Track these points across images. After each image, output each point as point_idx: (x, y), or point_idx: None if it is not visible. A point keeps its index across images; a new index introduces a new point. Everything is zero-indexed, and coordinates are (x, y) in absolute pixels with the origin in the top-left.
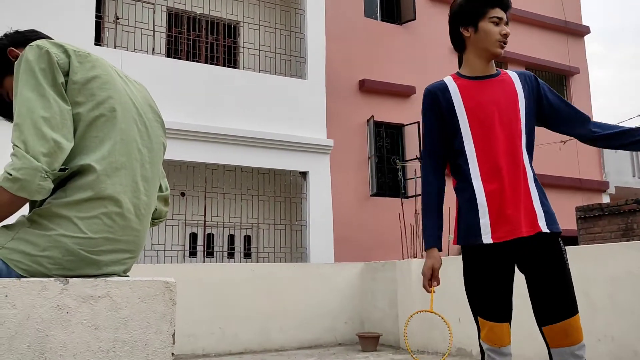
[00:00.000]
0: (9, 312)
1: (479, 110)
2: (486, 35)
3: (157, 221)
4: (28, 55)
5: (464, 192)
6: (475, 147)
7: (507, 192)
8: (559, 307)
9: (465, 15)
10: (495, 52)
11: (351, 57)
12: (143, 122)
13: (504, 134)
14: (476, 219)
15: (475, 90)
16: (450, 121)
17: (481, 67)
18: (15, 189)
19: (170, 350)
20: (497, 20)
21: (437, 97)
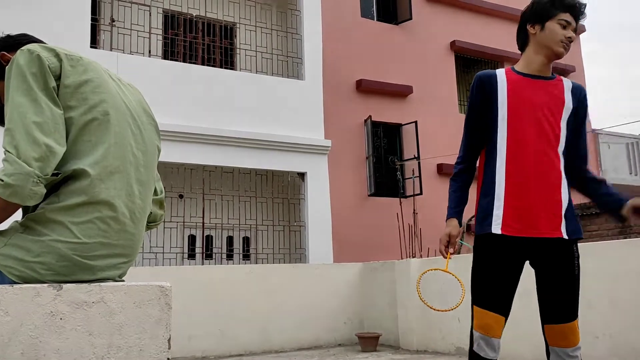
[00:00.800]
0: (2, 320)
1: (520, 106)
2: (551, 33)
3: (153, 225)
4: (19, 59)
5: (487, 182)
6: (507, 141)
7: (531, 190)
8: (562, 311)
9: (536, 13)
10: (556, 50)
11: (348, 57)
12: (137, 125)
13: (540, 136)
14: (490, 209)
15: (522, 87)
16: (489, 110)
17: (537, 65)
18: (7, 195)
19: (166, 356)
20: (564, 23)
21: (484, 86)
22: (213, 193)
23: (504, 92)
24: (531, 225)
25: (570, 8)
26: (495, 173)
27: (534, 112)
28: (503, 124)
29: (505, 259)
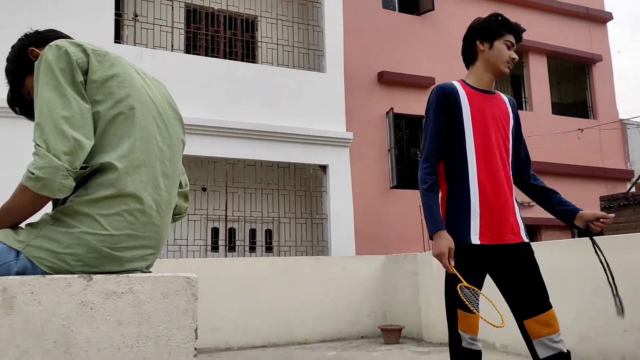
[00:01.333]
0: (35, 309)
1: (482, 119)
2: (499, 53)
3: (178, 217)
4: (47, 55)
5: (459, 193)
6: (476, 154)
7: (499, 201)
8: (541, 301)
9: (486, 31)
10: (502, 70)
11: (370, 49)
12: (162, 119)
13: (499, 147)
14: (467, 221)
15: (479, 100)
16: (455, 123)
17: (487, 81)
18: (38, 188)
19: (193, 345)
20: (509, 44)
21: (449, 98)
22: (236, 186)
23: (466, 104)
24: (500, 234)
25: (515, 31)
26: (469, 184)
27: (493, 125)
28: (470, 136)
29: (484, 265)
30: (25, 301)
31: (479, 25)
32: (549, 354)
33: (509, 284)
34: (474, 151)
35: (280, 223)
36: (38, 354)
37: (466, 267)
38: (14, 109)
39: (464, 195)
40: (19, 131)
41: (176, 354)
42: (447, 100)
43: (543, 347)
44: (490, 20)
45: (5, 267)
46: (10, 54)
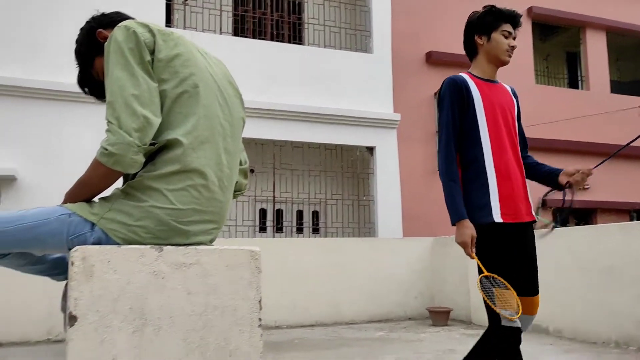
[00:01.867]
0: (112, 277)
1: (492, 108)
2: (497, 44)
3: (238, 194)
4: (117, 35)
5: (476, 178)
6: (489, 137)
7: (513, 182)
8: (535, 284)
9: (482, 25)
10: (503, 59)
11: (417, 29)
12: (224, 97)
13: (507, 133)
14: (488, 201)
15: (488, 90)
16: (469, 113)
17: (490, 72)
18: (111, 163)
19: (258, 316)
20: (507, 33)
21: (462, 89)
22: (283, 168)
23: (477, 94)
24: (517, 213)
25: (510, 18)
26: (486, 167)
27: (502, 113)
28: (483, 124)
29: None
30: (103, 269)
31: (475, 19)
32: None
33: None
34: (488, 138)
35: (327, 205)
36: (116, 318)
37: (492, 245)
38: (83, 89)
39: (482, 179)
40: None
41: (242, 323)
42: (459, 91)
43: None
44: (484, 14)
45: (82, 238)
46: (79, 36)
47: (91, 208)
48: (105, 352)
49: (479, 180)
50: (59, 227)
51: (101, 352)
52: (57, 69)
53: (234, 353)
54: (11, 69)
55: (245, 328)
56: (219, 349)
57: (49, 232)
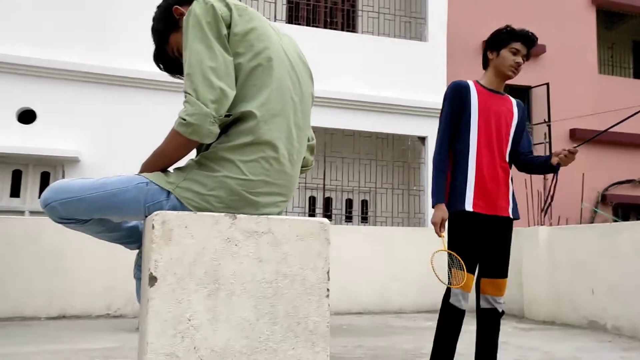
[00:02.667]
0: (189, 242)
1: (486, 114)
2: (503, 60)
3: (305, 169)
4: (196, 9)
5: (460, 170)
6: (478, 139)
7: (492, 179)
8: (501, 269)
9: (493, 42)
10: (507, 74)
11: (475, 17)
12: (294, 72)
13: (497, 139)
14: (464, 192)
15: (487, 98)
16: (465, 114)
17: (496, 83)
18: (189, 133)
19: (326, 286)
20: (515, 50)
21: (461, 92)
22: (334, 155)
23: (475, 100)
24: (491, 206)
25: (522, 37)
26: (468, 164)
27: (496, 120)
28: (475, 126)
29: (476, 229)
30: (181, 234)
31: (490, 37)
32: (487, 307)
33: (485, 247)
34: (477, 139)
35: (376, 194)
36: (192, 282)
37: (461, 229)
38: (158, 65)
39: (464, 172)
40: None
41: (311, 292)
42: (459, 94)
43: (485, 301)
44: (498, 32)
45: (158, 206)
46: (156, 13)
47: (167, 177)
48: (182, 313)
49: (462, 173)
50: (137, 194)
51: (178, 312)
52: (122, 55)
53: (302, 321)
54: (78, 54)
55: (313, 297)
56: (288, 316)
57: (128, 199)
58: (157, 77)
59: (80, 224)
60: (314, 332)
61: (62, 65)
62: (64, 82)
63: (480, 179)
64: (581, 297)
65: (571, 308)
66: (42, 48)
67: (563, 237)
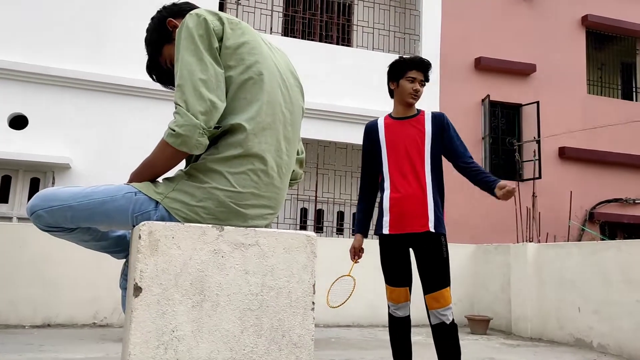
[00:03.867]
0: (175, 252)
1: (394, 142)
2: (402, 89)
3: (294, 182)
4: (189, 22)
5: (382, 198)
6: (389, 168)
7: (406, 200)
8: (435, 282)
9: (392, 73)
10: (408, 101)
11: (467, 34)
12: (285, 86)
13: (410, 160)
14: (382, 217)
15: (394, 128)
16: (376, 149)
17: (402, 110)
18: (178, 144)
19: (312, 300)
20: (411, 79)
21: (371, 131)
22: (326, 168)
23: (382, 134)
24: (407, 225)
25: (416, 65)
26: (384, 191)
27: (406, 145)
28: (385, 157)
29: (395, 249)
30: (168, 244)
31: (388, 69)
32: (436, 322)
33: (419, 265)
34: (388, 167)
35: None
36: (177, 293)
37: (383, 249)
38: (151, 75)
39: (383, 200)
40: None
41: (296, 305)
42: (368, 135)
43: (434, 317)
44: (394, 64)
45: (146, 216)
46: (150, 25)
47: (156, 187)
48: (166, 324)
49: (383, 201)
50: (125, 204)
51: (162, 323)
52: (114, 63)
53: (287, 334)
54: (71, 61)
55: (298, 310)
56: (273, 329)
57: (116, 208)
58: (149, 86)
59: (66, 233)
60: (298, 345)
61: (54, 71)
62: (57, 88)
63: (395, 203)
64: (568, 315)
65: (558, 325)
66: (34, 54)
67: (551, 254)
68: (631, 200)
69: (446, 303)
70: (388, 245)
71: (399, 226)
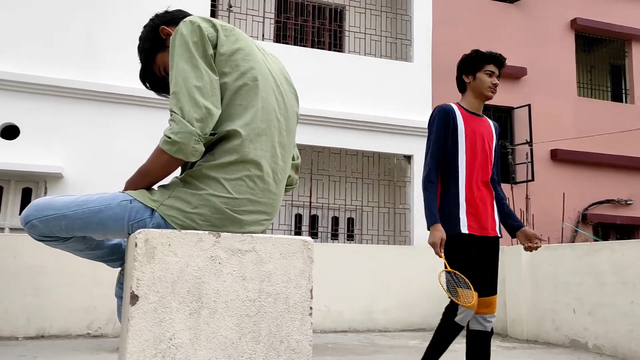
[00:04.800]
0: (172, 260)
1: (472, 137)
2: (481, 82)
3: (289, 188)
4: (183, 30)
5: (450, 193)
6: (466, 163)
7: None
8: (491, 286)
9: (468, 66)
10: (487, 95)
11: (459, 38)
12: (280, 91)
13: (482, 161)
14: (456, 215)
15: (471, 122)
16: (453, 137)
17: (476, 105)
18: (174, 151)
19: (309, 305)
20: (490, 72)
21: (449, 116)
22: (320, 173)
23: (462, 124)
24: (482, 228)
25: (493, 59)
26: (459, 187)
27: (481, 142)
28: (462, 149)
29: (476, 251)
30: (164, 252)
31: (463, 61)
32: (478, 328)
33: (476, 267)
34: (465, 161)
35: (363, 212)
36: (174, 300)
37: (457, 250)
38: (144, 83)
39: (455, 195)
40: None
41: (294, 310)
42: (447, 118)
43: (476, 322)
44: (470, 57)
45: (142, 224)
46: (143, 33)
47: (151, 195)
48: (163, 332)
49: (453, 196)
50: (120, 212)
51: (159, 331)
52: (106, 71)
53: (285, 340)
54: (63, 70)
55: (296, 316)
56: (271, 335)
57: (111, 216)
58: (141, 94)
59: (61, 242)
60: (297, 350)
61: (46, 80)
62: (48, 97)
63: (471, 201)
64: (563, 316)
65: (553, 327)
66: (26, 64)
67: (545, 256)
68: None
69: (494, 310)
70: (468, 247)
71: (476, 227)
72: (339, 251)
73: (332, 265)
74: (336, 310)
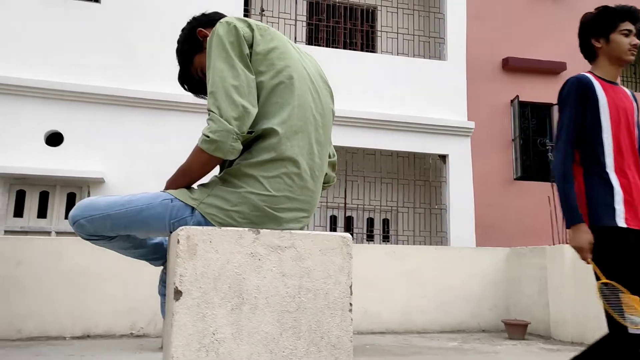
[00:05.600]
0: (213, 256)
1: (615, 110)
2: (618, 45)
3: (327, 185)
4: (219, 30)
5: (596, 177)
6: (613, 142)
7: (634, 188)
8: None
9: (598, 28)
10: (627, 59)
11: (494, 35)
12: (315, 89)
13: (628, 137)
14: (611, 204)
15: (612, 93)
16: (592, 114)
17: (613, 73)
18: (212, 150)
19: (349, 301)
20: (627, 32)
21: (586, 90)
22: (355, 175)
23: (602, 96)
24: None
25: (629, 15)
26: (607, 171)
27: (625, 117)
28: (607, 127)
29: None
30: (205, 249)
31: (591, 21)
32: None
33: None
34: (611, 141)
35: (398, 212)
36: (216, 296)
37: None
38: (183, 86)
39: (604, 182)
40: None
41: (334, 307)
42: (585, 92)
43: None
44: (600, 15)
45: (182, 222)
46: (180, 36)
47: (191, 194)
48: (206, 326)
49: (601, 182)
50: (162, 211)
51: (203, 326)
52: (145, 78)
53: (325, 335)
54: (103, 78)
55: (336, 312)
56: (311, 331)
57: (153, 215)
58: (179, 99)
59: (107, 241)
60: (337, 346)
61: (87, 89)
62: (90, 105)
63: (627, 188)
64: None
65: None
66: (68, 72)
67: None
68: None
69: None
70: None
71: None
72: (375, 252)
73: (368, 267)
74: (373, 312)
